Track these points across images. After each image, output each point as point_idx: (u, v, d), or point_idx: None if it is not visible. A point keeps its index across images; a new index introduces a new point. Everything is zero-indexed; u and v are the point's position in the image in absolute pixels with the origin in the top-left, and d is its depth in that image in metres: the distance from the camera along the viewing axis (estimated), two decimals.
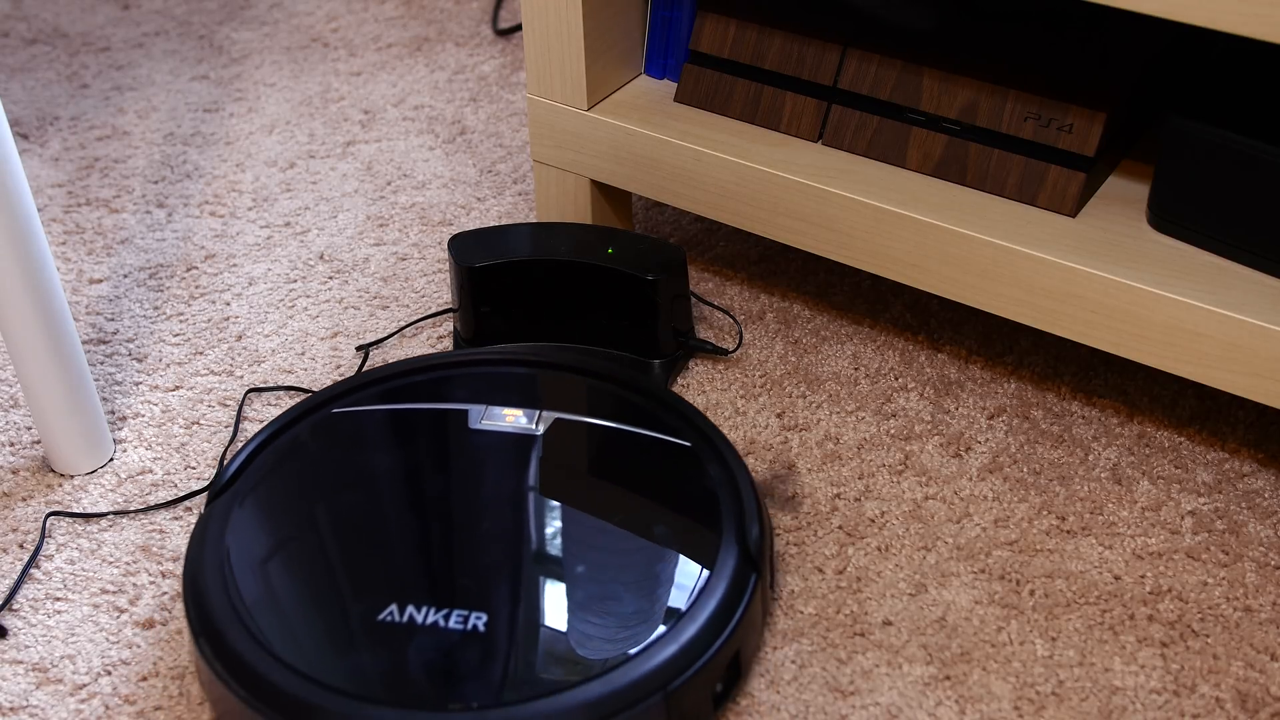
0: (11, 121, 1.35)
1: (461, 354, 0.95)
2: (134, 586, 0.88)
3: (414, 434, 0.89)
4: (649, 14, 1.09)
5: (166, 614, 0.86)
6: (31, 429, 1.00)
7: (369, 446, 0.88)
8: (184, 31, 1.51)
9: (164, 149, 1.31)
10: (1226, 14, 0.76)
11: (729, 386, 1.02)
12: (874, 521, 0.91)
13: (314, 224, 1.21)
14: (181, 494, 0.94)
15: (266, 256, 1.17)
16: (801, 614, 0.85)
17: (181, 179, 1.27)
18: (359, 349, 1.07)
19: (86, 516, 0.93)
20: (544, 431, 0.89)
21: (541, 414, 0.90)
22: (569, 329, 1.03)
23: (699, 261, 1.14)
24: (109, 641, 0.84)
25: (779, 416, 0.99)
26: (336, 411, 0.91)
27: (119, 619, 0.86)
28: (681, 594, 0.78)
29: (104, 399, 1.02)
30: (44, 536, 0.91)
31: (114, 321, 1.10)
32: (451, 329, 1.09)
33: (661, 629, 0.76)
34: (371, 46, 1.48)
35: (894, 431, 0.98)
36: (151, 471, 0.96)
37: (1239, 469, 0.94)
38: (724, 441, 0.88)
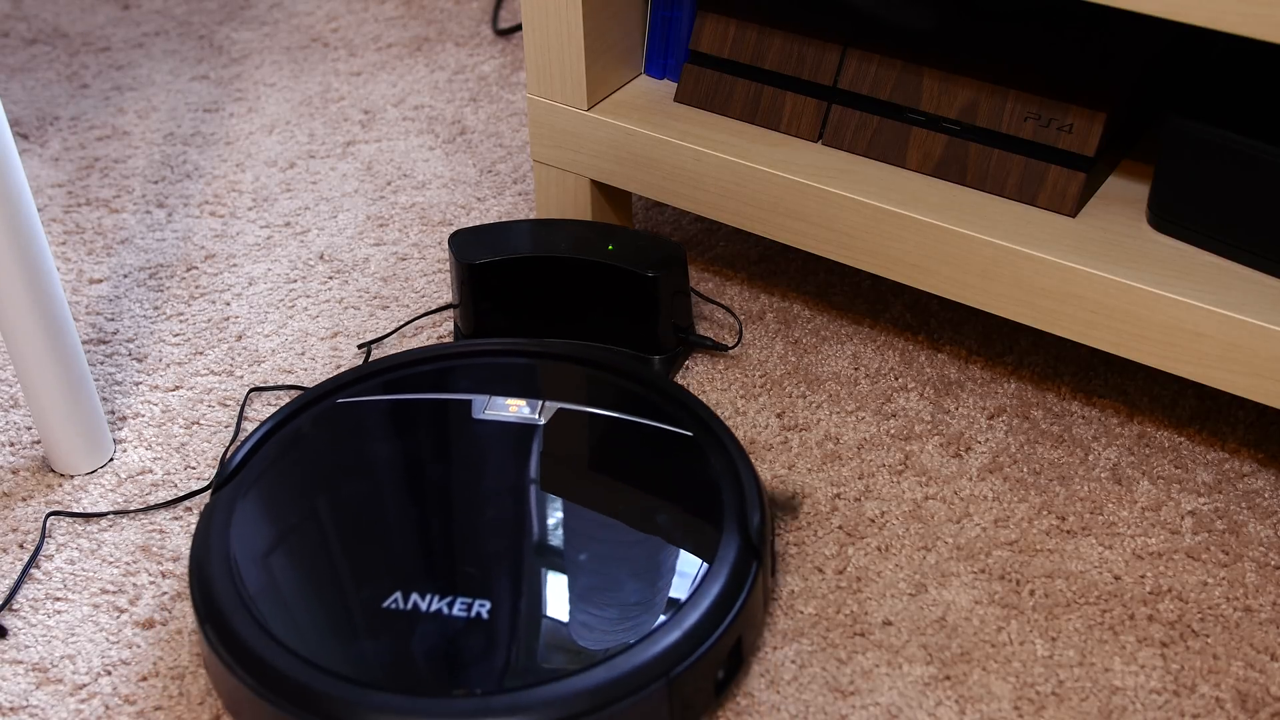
0: (11, 121, 1.35)
1: (464, 345, 0.96)
2: (134, 586, 0.88)
3: (418, 424, 0.90)
4: (649, 14, 1.09)
5: (166, 614, 0.86)
6: (31, 429, 1.00)
7: (373, 436, 0.89)
8: (184, 31, 1.51)
9: (164, 149, 1.31)
10: (1226, 14, 0.76)
11: (729, 386, 1.02)
12: (874, 521, 0.91)
13: (314, 224, 1.21)
14: (181, 494, 0.94)
15: (266, 256, 1.17)
16: (801, 614, 0.85)
17: (181, 179, 1.27)
18: (360, 347, 1.07)
19: (87, 516, 0.93)
20: (547, 421, 0.89)
21: (544, 404, 0.91)
22: (569, 325, 1.04)
23: (699, 261, 1.14)
24: (109, 641, 0.84)
25: (779, 416, 0.99)
26: (341, 402, 0.91)
27: (119, 619, 0.86)
28: (683, 582, 0.79)
29: (104, 399, 1.02)
30: (44, 536, 0.91)
31: (114, 321, 1.10)
32: (452, 326, 1.09)
33: (664, 617, 0.77)
34: (371, 46, 1.48)
35: (894, 431, 0.98)
36: (151, 471, 0.96)
37: (1239, 469, 0.94)
38: (725, 431, 0.88)
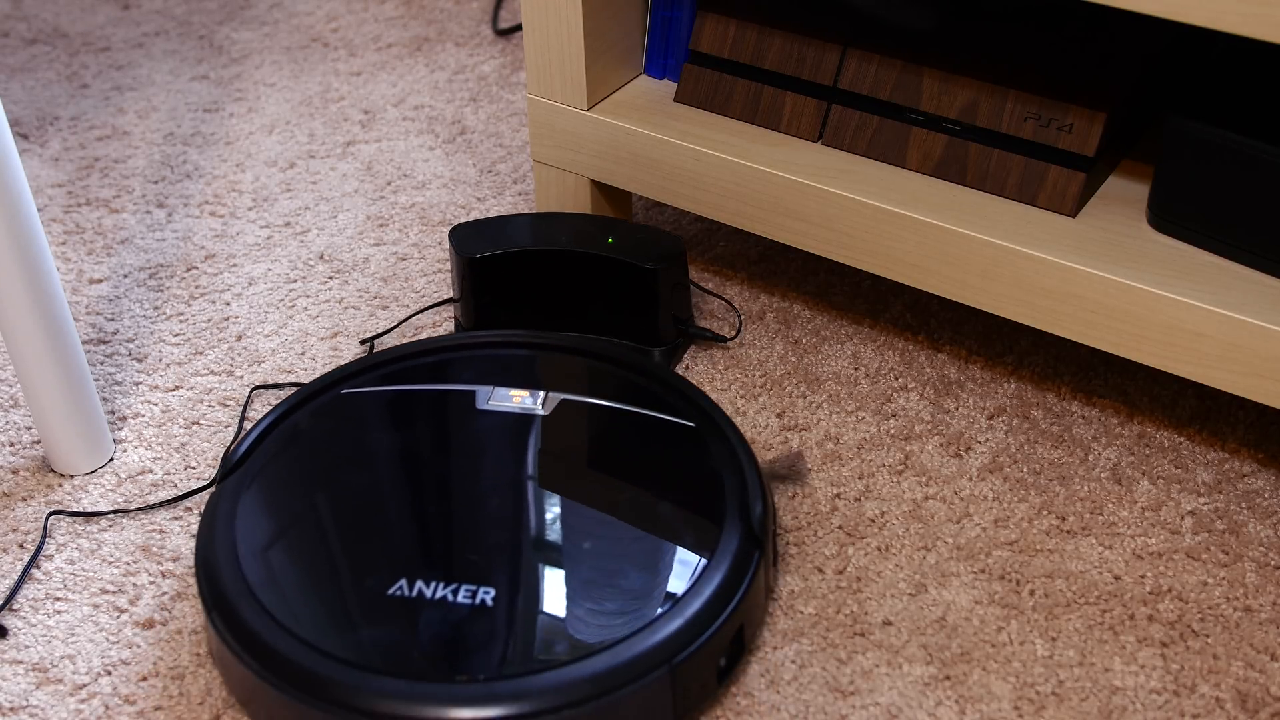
0: (11, 121, 1.35)
1: (467, 337, 0.96)
2: (134, 586, 0.88)
3: (422, 414, 0.90)
4: (649, 14, 1.09)
5: (166, 614, 0.86)
6: (31, 429, 1.00)
7: (378, 427, 0.89)
8: (184, 31, 1.51)
9: (164, 149, 1.31)
10: (1226, 14, 0.76)
11: (729, 386, 1.02)
12: (874, 521, 0.91)
13: (314, 224, 1.21)
14: (181, 493, 0.94)
15: (266, 256, 1.17)
16: (801, 614, 0.85)
17: (181, 179, 1.27)
18: (363, 342, 1.07)
19: (88, 515, 0.93)
20: (549, 412, 0.90)
21: (547, 395, 0.91)
22: (569, 318, 1.04)
23: (699, 262, 1.14)
24: (109, 641, 0.84)
25: (779, 416, 0.99)
26: (345, 393, 0.92)
27: (119, 619, 0.86)
28: (686, 571, 0.79)
29: (104, 399, 1.02)
30: (45, 536, 0.91)
31: (114, 321, 1.10)
32: (452, 321, 1.09)
33: (667, 604, 0.77)
34: (371, 46, 1.48)
35: (894, 431, 0.98)
36: (151, 471, 0.96)
37: (1239, 469, 0.94)
38: (727, 422, 0.89)
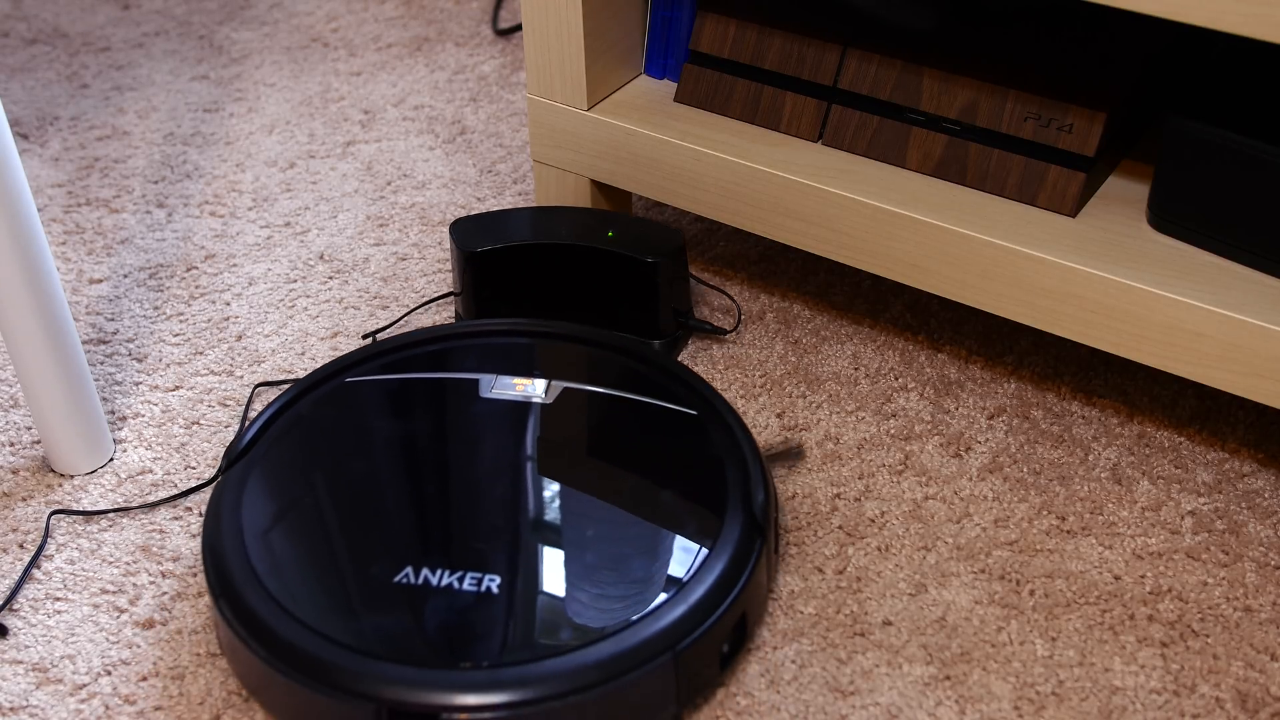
0: (11, 121, 1.35)
1: (471, 325, 0.97)
2: (134, 586, 0.88)
3: (426, 403, 0.91)
4: (649, 14, 1.09)
5: (166, 614, 0.86)
6: (31, 429, 1.00)
7: (383, 414, 0.90)
8: (184, 31, 1.51)
9: (164, 149, 1.31)
10: (1226, 14, 0.76)
11: (729, 386, 1.02)
12: (874, 521, 0.91)
13: (314, 224, 1.21)
14: (180, 492, 0.94)
15: (266, 256, 1.17)
16: (801, 614, 0.85)
17: (181, 179, 1.27)
18: (364, 337, 1.07)
19: (89, 514, 0.93)
20: (553, 400, 0.90)
21: (550, 383, 0.91)
22: (569, 311, 1.04)
23: (699, 261, 1.14)
24: (109, 641, 0.84)
25: (779, 416, 0.99)
26: (349, 381, 0.92)
27: (119, 619, 0.86)
28: (689, 558, 0.80)
29: (104, 399, 1.02)
30: (47, 535, 0.91)
31: (114, 321, 1.10)
32: (453, 314, 1.09)
33: (670, 592, 0.78)
34: (371, 46, 1.48)
35: (894, 431, 0.98)
36: (151, 471, 0.96)
37: (1239, 469, 0.94)
38: (729, 410, 0.89)
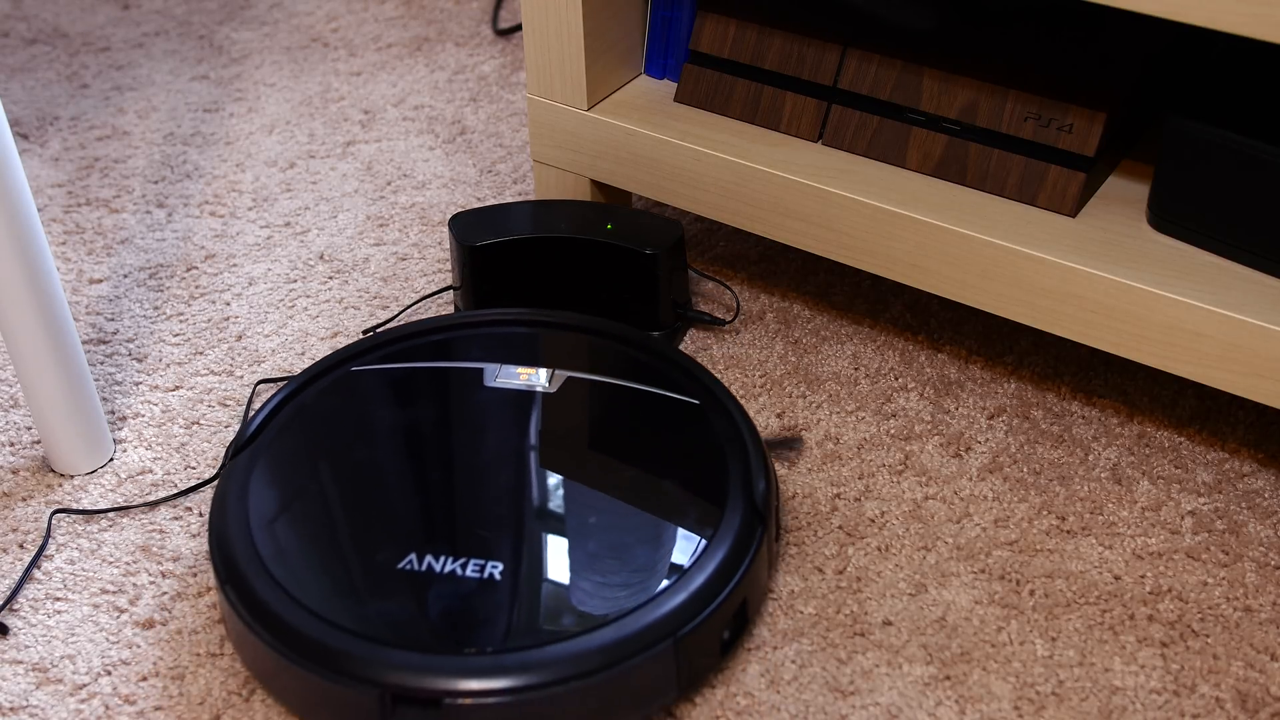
0: (11, 121, 1.35)
1: (474, 315, 0.97)
2: (134, 586, 0.88)
3: (431, 391, 0.91)
4: (649, 14, 1.09)
5: (166, 614, 0.86)
6: (31, 429, 1.00)
7: (388, 403, 0.90)
8: (184, 31, 1.51)
9: (164, 149, 1.31)
10: (1226, 14, 0.76)
11: (729, 385, 1.02)
12: (874, 521, 0.91)
13: (314, 224, 1.21)
14: (180, 491, 0.94)
15: (266, 256, 1.17)
16: (801, 614, 0.85)
17: (181, 179, 1.27)
18: (365, 332, 1.07)
19: (90, 513, 0.93)
20: (556, 389, 0.91)
21: (554, 372, 0.92)
22: (569, 304, 1.05)
23: (699, 262, 1.14)
24: (109, 641, 0.84)
25: (779, 416, 0.99)
26: (354, 370, 0.93)
27: (119, 619, 0.86)
28: (690, 545, 0.80)
29: (104, 399, 1.02)
30: (49, 535, 0.91)
31: (114, 321, 1.10)
32: (453, 308, 1.09)
33: (671, 579, 0.78)
34: (371, 46, 1.48)
35: (894, 431, 0.98)
36: (151, 471, 0.96)
37: (1239, 469, 0.94)
38: (731, 399, 0.89)
